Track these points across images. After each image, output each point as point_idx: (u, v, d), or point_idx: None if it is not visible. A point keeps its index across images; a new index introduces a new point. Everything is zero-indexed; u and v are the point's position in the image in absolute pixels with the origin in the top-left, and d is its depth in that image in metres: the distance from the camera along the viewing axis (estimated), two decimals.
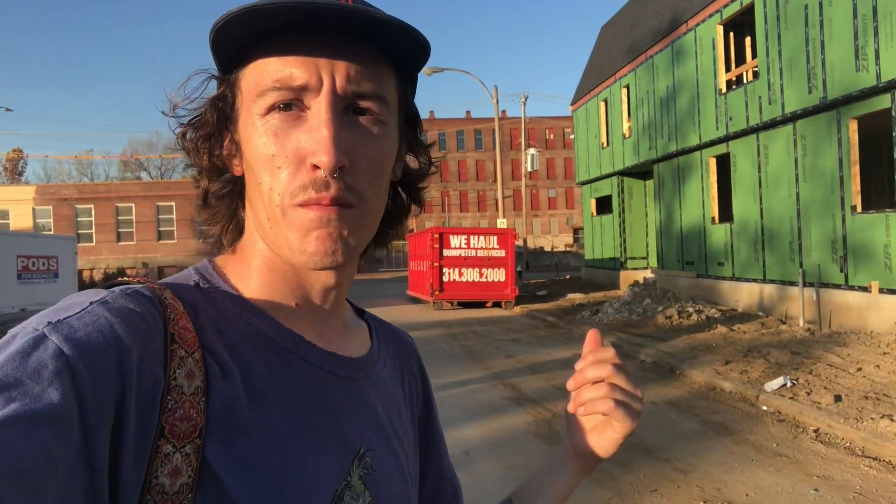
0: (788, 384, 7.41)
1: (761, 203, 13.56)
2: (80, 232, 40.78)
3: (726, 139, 14.77)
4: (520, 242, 50.59)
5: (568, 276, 29.57)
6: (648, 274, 19.95)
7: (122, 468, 0.51)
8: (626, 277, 21.48)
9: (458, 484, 0.91)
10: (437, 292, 18.22)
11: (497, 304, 18.68)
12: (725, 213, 15.41)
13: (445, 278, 18.31)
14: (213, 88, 0.69)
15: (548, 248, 61.64)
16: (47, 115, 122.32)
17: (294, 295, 0.69)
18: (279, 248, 0.64)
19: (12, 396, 0.45)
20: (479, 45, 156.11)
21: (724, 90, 14.95)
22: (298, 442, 0.62)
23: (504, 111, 74.50)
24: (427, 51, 0.66)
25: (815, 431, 6.09)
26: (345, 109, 0.62)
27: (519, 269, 32.23)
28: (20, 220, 41.16)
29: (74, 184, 47.95)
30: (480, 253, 18.53)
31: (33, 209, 41.75)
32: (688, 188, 16.82)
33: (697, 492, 4.70)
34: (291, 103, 0.62)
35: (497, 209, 26.10)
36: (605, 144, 23.10)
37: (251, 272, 0.69)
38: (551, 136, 75.12)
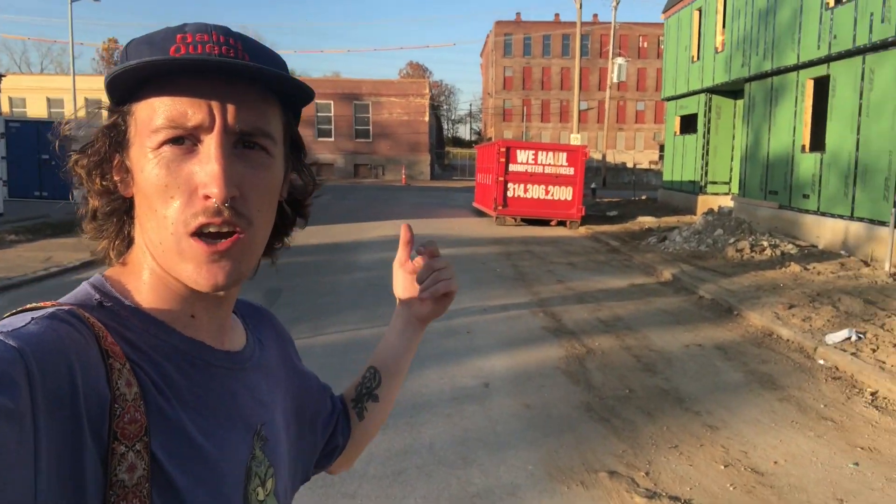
0: (854, 337, 6.82)
1: (858, 133, 12.26)
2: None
3: (828, 60, 13.26)
4: (599, 157, 48.84)
5: (644, 197, 28.39)
6: (728, 200, 18.82)
7: (86, 469, 0.58)
8: (705, 202, 20.37)
9: (327, 386, 1.08)
10: (500, 207, 17.84)
11: (562, 223, 18.15)
12: (817, 142, 14.10)
13: (510, 193, 17.85)
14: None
15: (630, 165, 59.33)
16: (140, 6, 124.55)
17: (189, 308, 0.75)
18: (172, 271, 0.71)
19: None
20: None
21: (831, 4, 13.28)
22: (216, 433, 0.73)
23: (596, 15, 70.40)
24: (310, 96, 0.76)
25: (873, 394, 5.60)
26: (234, 143, 0.69)
27: (594, 186, 31.22)
28: None
29: None
30: (548, 170, 17.86)
31: None
32: (779, 111, 15.42)
33: (721, 453, 4.40)
34: (183, 138, 0.67)
35: (578, 122, 24.95)
36: (695, 58, 21.38)
37: (145, 287, 0.74)
38: (645, 45, 70.66)
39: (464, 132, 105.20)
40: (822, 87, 13.94)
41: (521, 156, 17.79)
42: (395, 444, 4.36)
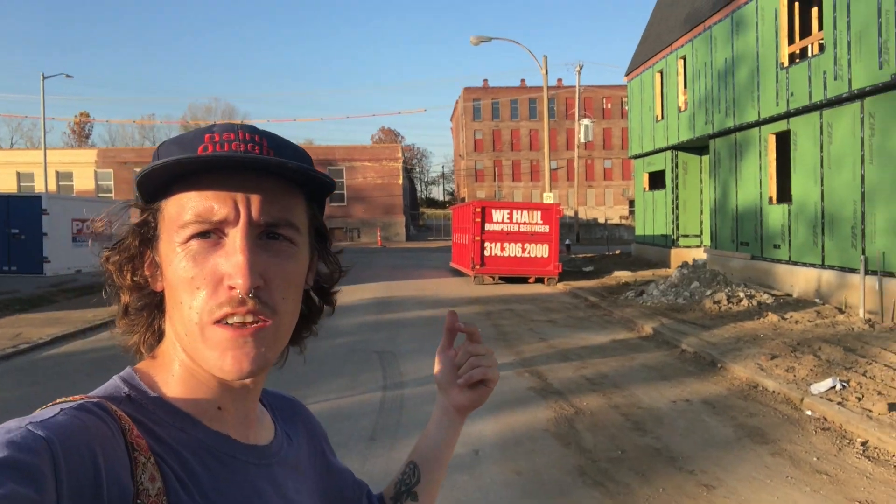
0: (838, 387, 6.84)
1: (822, 184, 12.65)
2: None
3: (787, 116, 13.80)
4: (571, 214, 49.58)
5: (618, 252, 28.75)
6: (701, 252, 19.12)
7: None
8: (678, 255, 20.67)
9: (363, 483, 1.06)
10: (478, 266, 17.89)
11: (540, 280, 18.23)
12: (784, 194, 14.50)
13: (487, 252, 17.94)
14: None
15: (601, 220, 60.27)
16: (112, 81, 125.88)
17: (216, 399, 0.75)
18: (198, 360, 0.71)
19: (1, 480, 0.51)
20: (534, 13, 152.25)
21: (786, 64, 13.92)
22: None
23: (560, 80, 72.56)
24: (330, 187, 0.78)
25: (864, 444, 5.57)
26: (259, 235, 0.71)
27: (568, 242, 31.56)
28: (83, 182, 42.57)
29: (134, 148, 49.25)
30: (523, 228, 18.04)
31: (95, 172, 43.08)
32: (745, 166, 15.89)
33: None
34: (209, 232, 0.70)
35: (550, 181, 25.33)
36: (659, 117, 22.09)
37: (174, 380, 0.74)
38: (609, 106, 72.93)
39: (437, 193, 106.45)
40: (784, 141, 14.44)
41: (497, 215, 17.97)
42: None
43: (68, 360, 8.88)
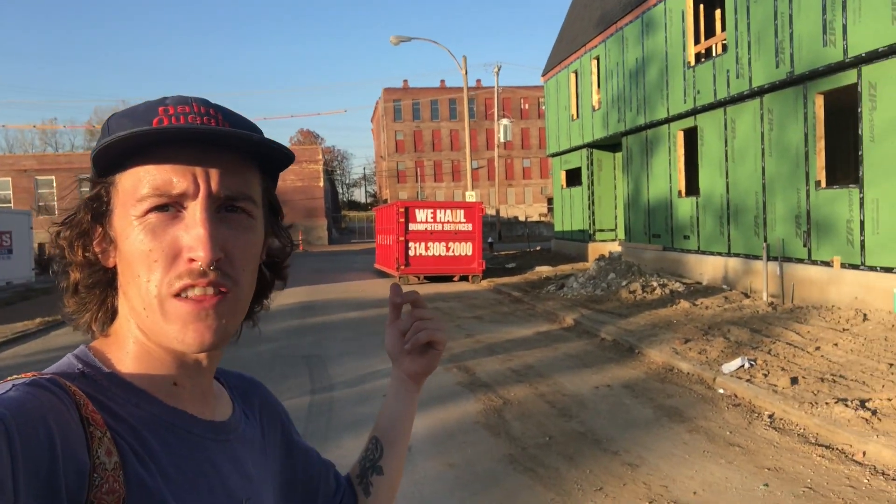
0: (746, 365, 7.27)
1: (727, 177, 13.39)
2: (41, 204, 39.41)
3: (694, 112, 14.52)
4: (492, 212, 50.30)
5: (538, 248, 29.42)
6: (616, 246, 19.83)
7: None
8: (595, 249, 21.36)
9: (329, 463, 1.04)
10: (402, 267, 17.89)
11: (464, 278, 18.43)
12: (692, 187, 15.24)
13: (411, 252, 17.98)
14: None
15: (522, 218, 61.47)
16: (9, 83, 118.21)
17: (171, 375, 0.74)
18: (157, 335, 0.71)
19: None
20: (452, 14, 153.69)
21: (692, 63, 14.64)
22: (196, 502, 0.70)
23: (479, 80, 73.52)
24: (291, 159, 0.77)
25: (770, 417, 5.95)
26: (217, 208, 0.70)
27: (490, 240, 32.00)
28: None
29: (35, 154, 46.49)
30: (447, 227, 18.19)
31: None
32: (655, 161, 16.60)
33: (644, 490, 4.50)
34: (167, 205, 0.69)
35: (471, 180, 25.68)
36: (575, 116, 22.75)
37: (129, 357, 0.73)
38: (526, 106, 74.44)
39: (359, 195, 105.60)
40: (691, 137, 15.17)
41: (420, 215, 18.03)
42: None
43: None
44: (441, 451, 5.32)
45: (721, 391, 6.77)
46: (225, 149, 0.71)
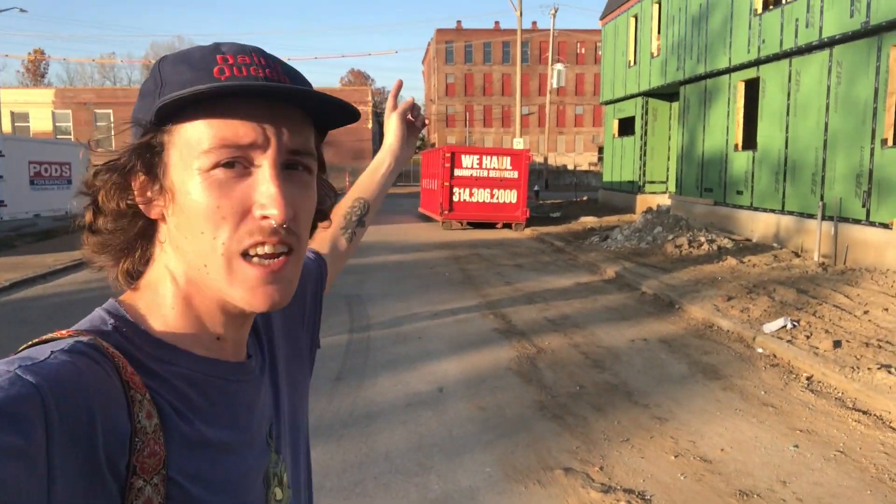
0: (789, 325, 7.12)
1: (787, 131, 12.83)
2: (98, 137, 40.43)
3: (757, 63, 13.85)
4: (541, 160, 49.56)
5: (585, 198, 29.00)
6: (665, 199, 19.39)
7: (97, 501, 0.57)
8: (644, 201, 20.94)
9: (319, 258, 1.14)
10: (446, 212, 17.92)
11: (508, 226, 18.37)
12: (749, 141, 14.69)
13: (455, 198, 17.95)
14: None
15: (571, 167, 60.47)
16: (70, 16, 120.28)
17: (216, 330, 0.74)
18: (221, 293, 0.70)
19: None
20: None
21: (759, 10, 13.88)
22: (238, 450, 0.73)
23: (535, 23, 71.38)
24: (356, 116, 0.75)
25: (808, 379, 5.85)
26: (282, 165, 0.69)
27: (536, 188, 31.68)
28: (40, 123, 41.12)
29: (93, 88, 47.56)
30: (493, 174, 18.05)
31: (53, 113, 41.63)
32: (713, 112, 16.00)
33: (671, 444, 4.52)
34: (235, 161, 0.67)
35: (520, 126, 25.24)
36: (632, 63, 21.99)
37: (171, 312, 0.72)
38: (583, 51, 72.13)
39: None
40: (752, 89, 14.53)
41: (466, 160, 17.91)
42: (350, 455, 4.32)
43: (29, 305, 8.77)
44: (472, 394, 5.43)
45: (760, 350, 6.68)
46: (291, 104, 0.70)
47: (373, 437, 4.60)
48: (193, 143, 0.67)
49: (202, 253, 0.68)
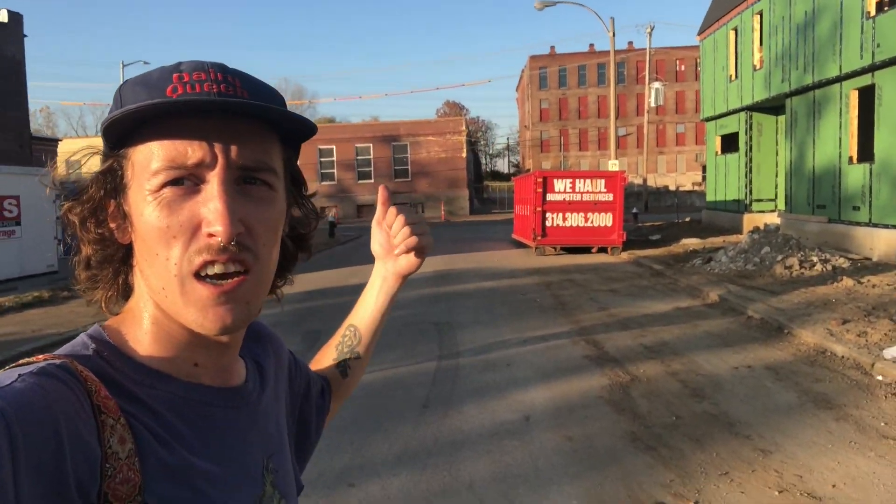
0: None
1: None
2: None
3: (872, 69, 12.94)
4: (640, 182, 48.27)
5: (688, 219, 27.88)
6: (774, 218, 18.31)
7: None
8: (750, 221, 19.88)
9: (307, 366, 1.06)
10: (539, 237, 17.74)
11: (603, 250, 17.92)
12: (865, 152, 13.67)
13: (548, 223, 17.74)
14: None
15: (672, 188, 58.49)
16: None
17: (192, 356, 0.72)
18: (177, 315, 0.68)
19: None
20: None
21: (873, 13, 13.00)
22: (224, 479, 0.70)
23: (631, 43, 70.13)
24: (312, 130, 0.74)
25: None
26: (237, 180, 0.67)
27: (635, 210, 30.82)
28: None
29: None
30: (586, 197, 17.71)
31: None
32: (823, 124, 15.05)
33: (774, 478, 4.19)
34: (183, 178, 0.66)
35: (617, 147, 24.64)
36: (733, 77, 21.13)
37: (146, 336, 0.71)
38: (682, 68, 70.14)
39: (502, 165, 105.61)
40: (867, 97, 13.58)
41: (559, 185, 17.71)
42: (433, 484, 4.29)
43: None
44: (560, 424, 5.28)
45: (880, 378, 6.10)
46: (244, 118, 0.68)
47: (457, 465, 4.55)
48: (144, 164, 0.66)
49: (159, 275, 0.67)
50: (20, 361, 0.62)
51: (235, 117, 0.67)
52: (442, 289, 12.45)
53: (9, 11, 22.47)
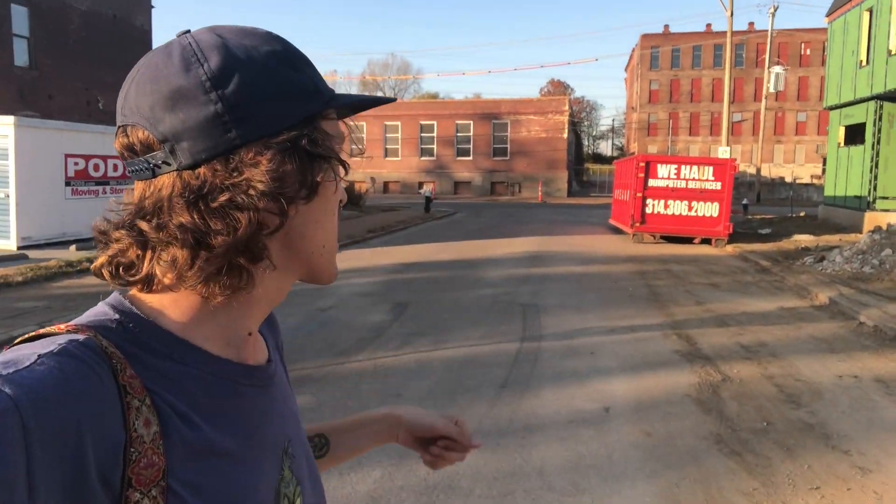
0: None
1: None
2: None
3: None
4: (753, 171, 45.65)
5: (802, 214, 26.15)
6: None
7: None
8: (872, 219, 18.37)
9: None
10: (637, 224, 17.15)
11: (706, 241, 17.10)
12: None
13: (648, 210, 17.11)
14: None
15: (788, 179, 54.98)
16: (293, 38, 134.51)
17: (251, 322, 0.71)
18: (323, 270, 0.73)
19: None
20: None
21: None
22: (247, 460, 0.68)
23: (752, 23, 66.11)
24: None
25: None
26: None
27: (745, 202, 29.24)
28: None
29: None
30: (692, 184, 16.93)
31: None
32: None
33: (872, 500, 3.87)
34: None
35: (730, 133, 23.31)
36: (863, 62, 19.47)
37: (178, 306, 0.66)
38: (808, 52, 65.45)
39: (605, 148, 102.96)
40: None
41: (662, 170, 17.02)
42: (503, 464, 4.26)
43: None
44: (641, 418, 5.10)
45: None
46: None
47: (529, 449, 4.50)
48: (339, 139, 0.73)
49: (328, 233, 0.73)
50: (42, 331, 0.60)
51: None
52: (532, 270, 12.31)
53: None
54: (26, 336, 0.59)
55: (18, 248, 12.01)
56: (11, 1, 19.41)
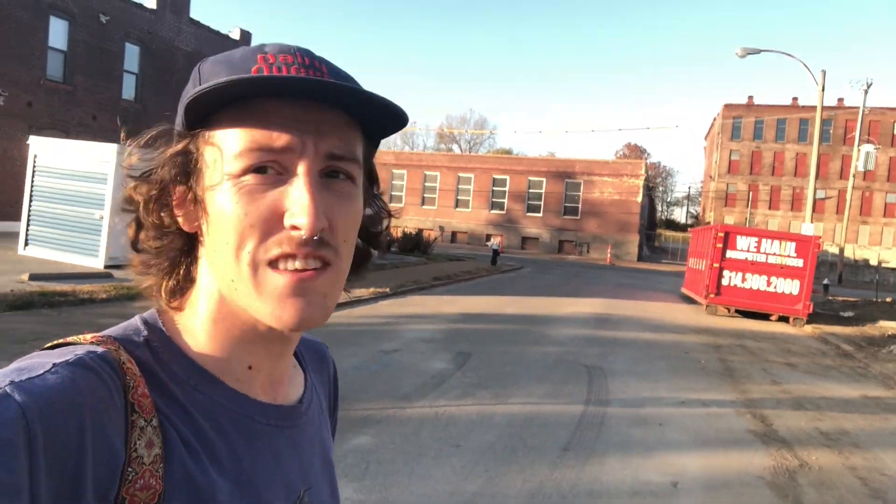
0: None
1: None
2: (392, 193, 46.05)
3: None
4: (835, 251, 43.73)
5: (889, 299, 24.74)
6: None
7: None
8: None
9: None
10: (711, 295, 16.60)
11: (784, 319, 16.36)
12: None
13: (725, 281, 16.56)
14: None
15: (874, 262, 52.28)
16: (370, 86, 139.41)
17: (248, 357, 0.69)
18: (249, 308, 0.64)
19: None
20: (814, 23, 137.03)
21: None
22: (252, 501, 0.65)
23: (841, 99, 64.33)
24: (402, 121, 0.68)
25: None
26: (320, 172, 0.63)
27: (826, 282, 27.94)
28: None
29: (393, 151, 53.90)
30: (772, 259, 16.33)
31: None
32: None
33: None
34: (267, 166, 0.62)
35: (812, 210, 22.51)
36: None
37: (202, 331, 0.67)
38: None
39: (679, 215, 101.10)
40: None
41: (742, 242, 16.51)
42: None
43: None
44: (711, 497, 4.84)
45: None
46: (331, 107, 0.64)
47: None
48: (224, 146, 0.62)
49: (230, 265, 0.62)
50: (69, 339, 0.61)
51: (324, 104, 0.63)
52: (598, 332, 12.05)
53: (241, 30, 25.51)
54: (52, 343, 0.60)
55: (105, 266, 12.64)
56: (126, 40, 21.03)
